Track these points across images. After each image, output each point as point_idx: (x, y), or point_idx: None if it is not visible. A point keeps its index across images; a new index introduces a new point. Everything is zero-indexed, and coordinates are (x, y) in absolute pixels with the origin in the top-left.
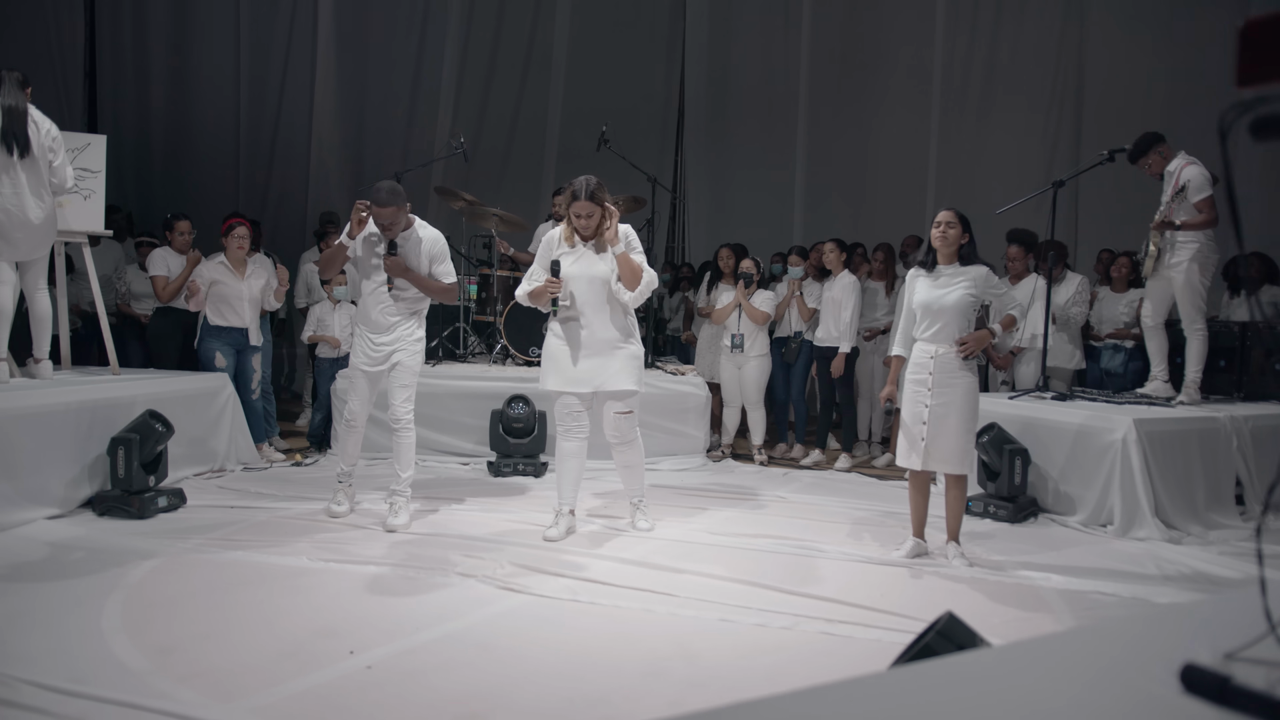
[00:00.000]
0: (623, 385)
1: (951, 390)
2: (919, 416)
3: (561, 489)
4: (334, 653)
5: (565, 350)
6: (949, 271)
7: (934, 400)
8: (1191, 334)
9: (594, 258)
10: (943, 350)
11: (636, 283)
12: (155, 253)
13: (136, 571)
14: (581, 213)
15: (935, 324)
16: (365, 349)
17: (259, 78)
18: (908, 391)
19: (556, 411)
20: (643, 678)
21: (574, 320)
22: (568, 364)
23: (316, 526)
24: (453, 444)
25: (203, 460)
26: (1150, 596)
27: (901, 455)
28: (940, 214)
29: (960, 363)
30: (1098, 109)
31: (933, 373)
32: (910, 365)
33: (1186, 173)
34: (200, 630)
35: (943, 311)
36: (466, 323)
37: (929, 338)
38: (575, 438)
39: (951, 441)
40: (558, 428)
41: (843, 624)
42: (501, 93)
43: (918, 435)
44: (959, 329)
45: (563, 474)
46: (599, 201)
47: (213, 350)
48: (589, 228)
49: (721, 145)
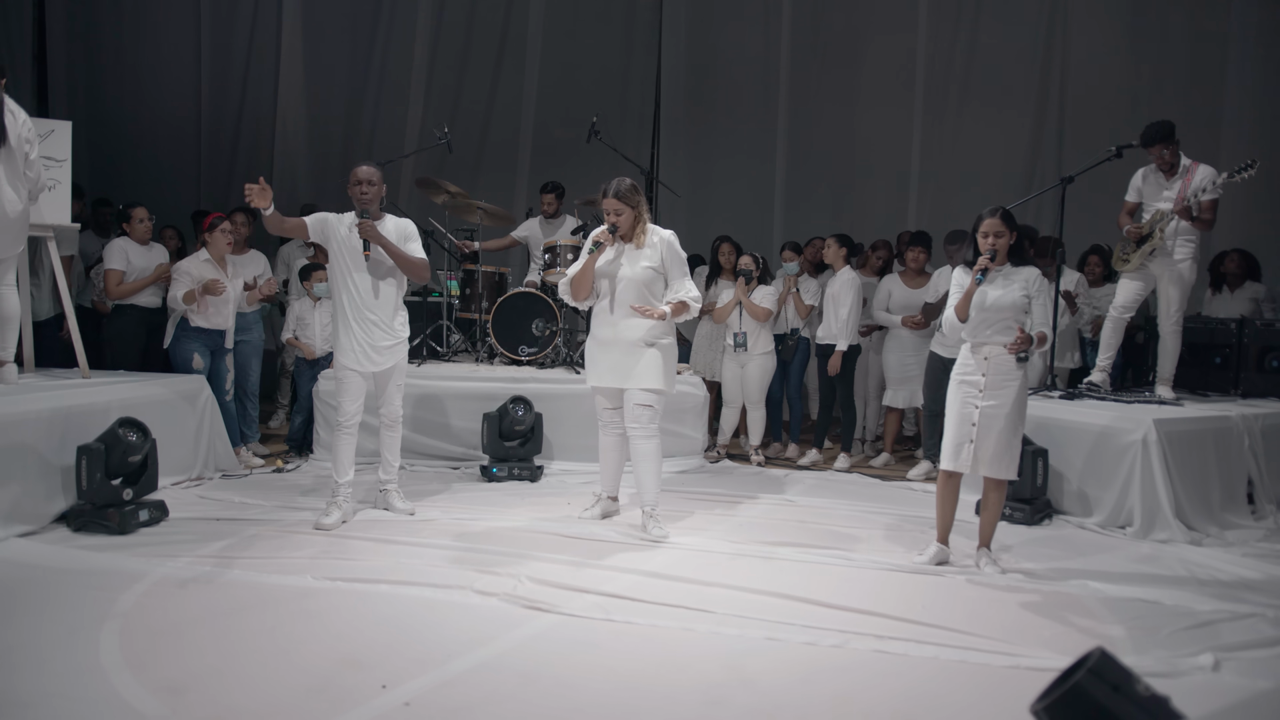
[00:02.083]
0: (647, 384)
1: (1004, 392)
2: (969, 418)
3: (603, 477)
4: (365, 687)
5: (598, 348)
6: (1003, 272)
7: (985, 402)
8: (1173, 332)
9: (631, 258)
10: (997, 352)
11: (685, 312)
12: (114, 243)
13: (128, 596)
14: (610, 209)
15: (990, 324)
16: (363, 348)
17: (221, 64)
18: (957, 393)
19: (595, 406)
20: (703, 707)
21: (604, 319)
22: (601, 361)
23: (311, 540)
24: (443, 448)
25: (180, 469)
26: (1191, 604)
27: (947, 457)
28: (986, 222)
29: (1014, 364)
30: (1081, 104)
31: (986, 374)
32: (959, 366)
33: (1201, 172)
34: (212, 663)
35: (999, 312)
36: (450, 320)
37: (984, 338)
38: (611, 433)
39: (1000, 444)
40: (598, 421)
41: (894, 640)
42: (474, 83)
43: (966, 437)
44: (1014, 330)
45: (603, 465)
46: (627, 202)
47: (190, 351)
48: (622, 226)
49: (699, 137)
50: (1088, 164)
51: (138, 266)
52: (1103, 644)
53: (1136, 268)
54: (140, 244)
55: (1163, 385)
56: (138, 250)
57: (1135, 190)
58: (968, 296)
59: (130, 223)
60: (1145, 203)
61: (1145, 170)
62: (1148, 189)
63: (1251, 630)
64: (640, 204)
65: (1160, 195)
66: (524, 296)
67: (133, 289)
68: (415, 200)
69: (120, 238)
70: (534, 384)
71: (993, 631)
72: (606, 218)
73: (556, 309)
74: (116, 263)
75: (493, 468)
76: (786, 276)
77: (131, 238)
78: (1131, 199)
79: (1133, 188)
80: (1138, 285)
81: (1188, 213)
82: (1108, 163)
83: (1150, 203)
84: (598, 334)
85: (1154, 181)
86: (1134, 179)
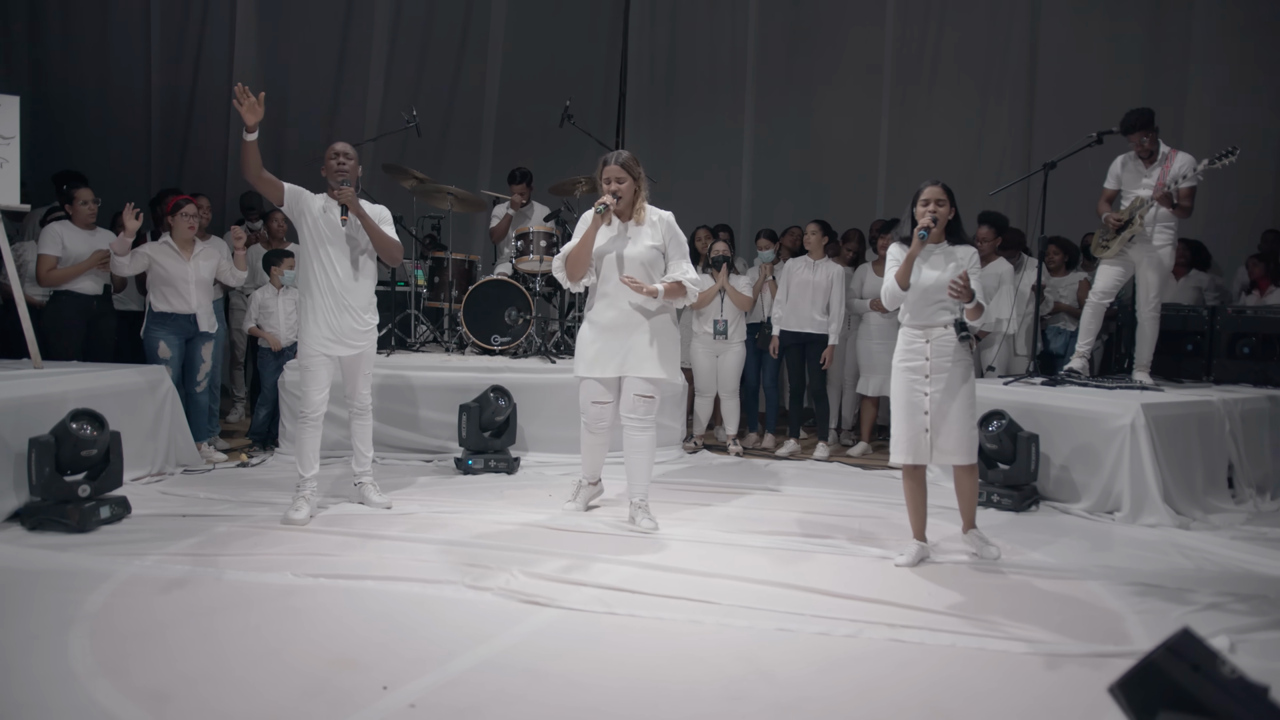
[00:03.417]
0: (649, 372)
1: (950, 374)
2: (919, 406)
3: (585, 465)
4: (364, 689)
5: (595, 335)
6: (939, 250)
7: (933, 387)
8: (1151, 318)
9: (629, 237)
10: (937, 332)
11: (682, 294)
12: (50, 227)
13: (95, 597)
14: (611, 176)
15: (929, 304)
16: (332, 332)
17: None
18: (901, 382)
19: (581, 400)
20: (725, 703)
21: (606, 303)
22: (595, 348)
23: (286, 536)
24: (416, 440)
25: (140, 463)
26: (1193, 587)
27: (900, 452)
28: (926, 190)
29: (957, 343)
30: (1050, 92)
31: (929, 357)
32: (900, 352)
33: (1180, 159)
34: (197, 667)
35: (938, 291)
36: (418, 309)
37: (923, 320)
38: (597, 432)
39: (957, 430)
40: (582, 418)
41: (907, 629)
42: (436, 69)
43: (920, 427)
44: (955, 309)
45: (585, 453)
46: (630, 172)
47: (156, 339)
48: (623, 196)
49: (665, 126)
50: (1068, 150)
51: (75, 252)
52: (1112, 628)
53: (1116, 254)
54: (83, 228)
55: (1140, 370)
56: (77, 235)
57: (1114, 177)
58: (910, 260)
59: (73, 204)
60: (1124, 190)
61: (1124, 157)
62: (1127, 176)
63: (1259, 612)
64: (641, 177)
65: (1139, 182)
66: (496, 284)
67: (64, 276)
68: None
69: (59, 221)
70: (508, 374)
71: (1002, 618)
72: (607, 187)
73: (530, 297)
74: (50, 248)
75: (468, 460)
76: (762, 264)
77: (74, 221)
78: (1110, 186)
79: (1111, 175)
80: (1117, 271)
81: (1169, 199)
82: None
83: (1129, 190)
84: (598, 319)
85: (1133, 169)
86: (1113, 166)
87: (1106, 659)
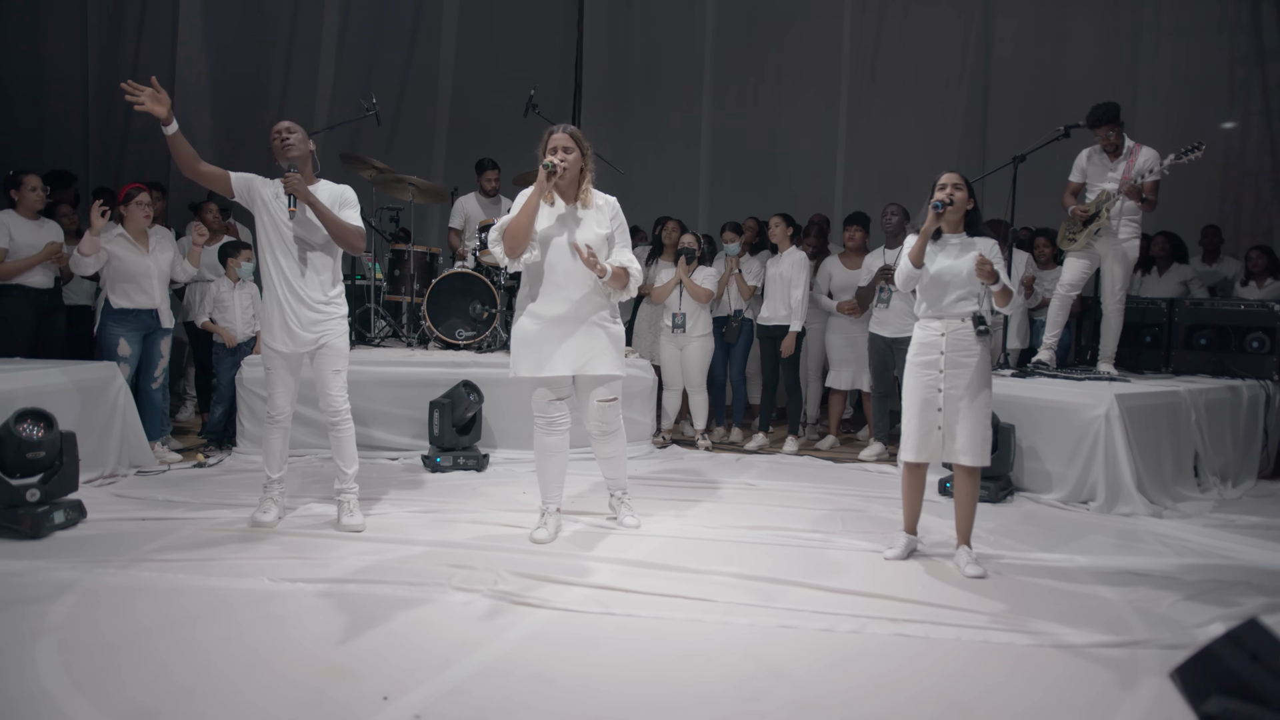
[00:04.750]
0: (607, 370)
1: (965, 370)
2: (933, 403)
3: (546, 488)
4: (364, 699)
5: (541, 330)
6: (957, 241)
7: (948, 383)
8: (1116, 310)
9: (576, 221)
10: (954, 325)
11: (624, 283)
12: None
13: (58, 608)
14: (559, 145)
15: (947, 296)
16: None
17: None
18: (916, 378)
19: (533, 403)
20: (741, 703)
21: (552, 294)
22: (544, 346)
23: (254, 538)
24: (380, 438)
25: (92, 465)
26: (1178, 575)
27: (909, 450)
28: (945, 176)
29: (974, 337)
30: (1004, 90)
31: (944, 351)
32: (915, 347)
33: (1145, 154)
34: (180, 681)
35: (957, 282)
36: (378, 303)
37: (938, 312)
38: (556, 432)
39: (971, 428)
40: (535, 421)
41: (910, 623)
42: (388, 59)
43: (933, 424)
44: (976, 299)
45: (545, 472)
46: (579, 143)
47: (115, 336)
48: (569, 166)
49: (622, 117)
50: (1037, 144)
51: (22, 243)
52: (1110, 618)
53: (1083, 247)
54: (28, 217)
55: (1105, 362)
56: (24, 225)
57: (1079, 170)
58: (925, 235)
59: (20, 191)
60: (1090, 183)
61: (1089, 151)
62: (1092, 169)
63: (1246, 596)
64: (589, 153)
65: (1105, 176)
66: (460, 277)
67: (13, 269)
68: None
69: (4, 211)
70: (474, 369)
71: (1002, 610)
72: (551, 156)
73: (495, 290)
74: None
75: (436, 458)
76: (728, 258)
77: (19, 210)
78: (1075, 179)
79: (1076, 168)
80: (1084, 264)
81: (1136, 193)
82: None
83: (1095, 183)
84: (544, 311)
85: (1098, 162)
86: (1078, 159)
87: (1109, 649)
